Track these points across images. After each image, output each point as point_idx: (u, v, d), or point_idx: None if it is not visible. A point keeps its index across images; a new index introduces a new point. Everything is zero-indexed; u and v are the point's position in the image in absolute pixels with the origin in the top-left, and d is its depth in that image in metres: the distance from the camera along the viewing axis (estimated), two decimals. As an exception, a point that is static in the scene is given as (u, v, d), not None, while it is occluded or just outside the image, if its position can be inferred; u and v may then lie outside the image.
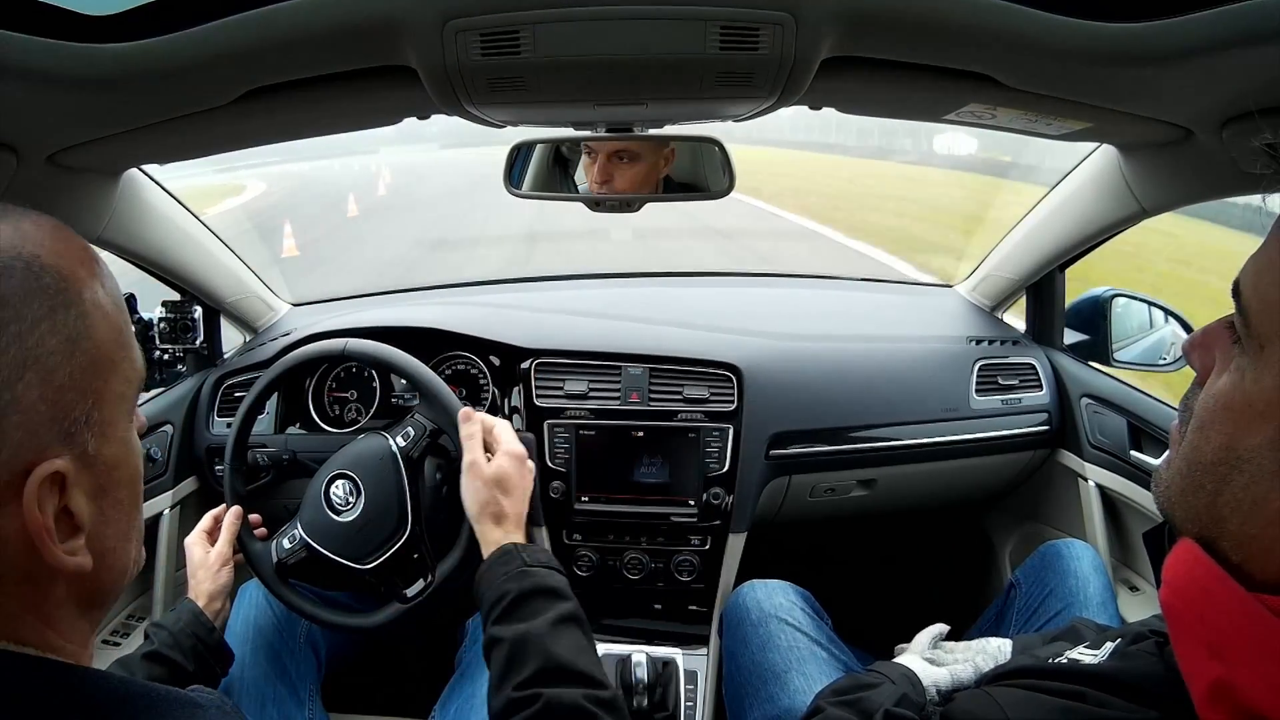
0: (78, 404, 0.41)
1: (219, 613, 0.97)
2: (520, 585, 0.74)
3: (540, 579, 0.75)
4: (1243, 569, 0.41)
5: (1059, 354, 1.43)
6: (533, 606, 0.72)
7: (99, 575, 0.43)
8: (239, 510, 1.05)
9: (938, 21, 0.58)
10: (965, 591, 1.70)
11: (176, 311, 1.32)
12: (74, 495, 0.41)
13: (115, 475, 0.44)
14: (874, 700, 0.67)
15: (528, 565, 0.77)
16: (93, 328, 0.42)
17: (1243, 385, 0.42)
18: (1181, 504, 0.46)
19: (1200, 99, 0.68)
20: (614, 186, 1.06)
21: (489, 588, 0.76)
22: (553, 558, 0.80)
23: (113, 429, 0.43)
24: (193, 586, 0.98)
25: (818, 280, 1.85)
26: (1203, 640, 0.41)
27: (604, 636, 1.28)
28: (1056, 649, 0.65)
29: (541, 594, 0.74)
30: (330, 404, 1.37)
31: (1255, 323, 0.42)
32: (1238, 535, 0.42)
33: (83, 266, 0.43)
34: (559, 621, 0.71)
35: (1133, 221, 1.13)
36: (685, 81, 0.68)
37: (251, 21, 0.57)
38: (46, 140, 0.75)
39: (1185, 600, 0.43)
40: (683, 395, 1.28)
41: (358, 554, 1.00)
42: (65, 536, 0.41)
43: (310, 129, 0.90)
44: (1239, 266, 0.45)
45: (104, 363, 0.43)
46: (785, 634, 1.03)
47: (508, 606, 0.73)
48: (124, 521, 0.45)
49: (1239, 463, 0.41)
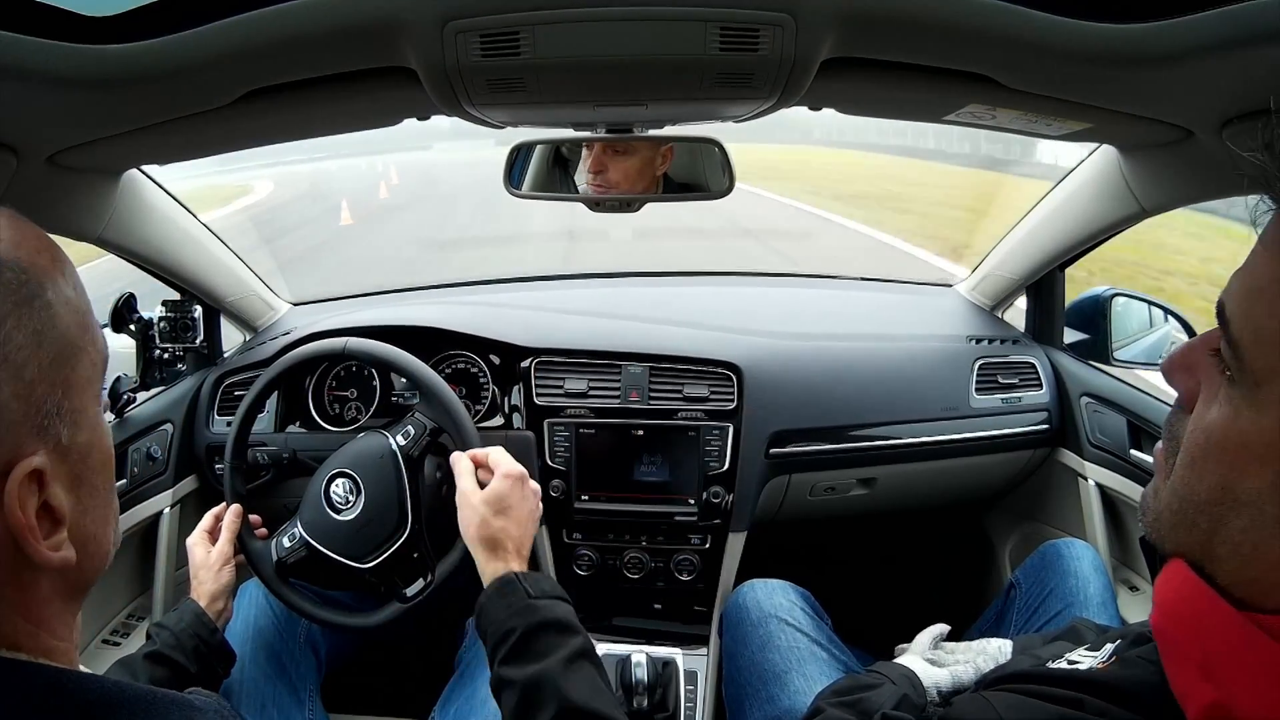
0: (48, 396, 0.40)
1: (221, 613, 0.97)
2: (527, 621, 0.69)
3: (547, 612, 0.70)
4: (1235, 595, 0.40)
5: (1059, 353, 1.43)
6: (542, 643, 0.68)
7: (82, 565, 0.43)
8: (239, 509, 1.05)
9: (937, 22, 0.58)
10: (965, 591, 1.70)
11: (176, 311, 1.32)
12: (53, 489, 0.41)
13: (90, 461, 0.44)
14: (874, 701, 0.67)
15: (533, 598, 0.72)
16: (57, 318, 0.41)
17: (1238, 424, 0.39)
18: (1173, 539, 0.44)
19: (1200, 99, 0.67)
20: (608, 178, 1.06)
21: (492, 623, 0.71)
22: (557, 585, 0.76)
23: (83, 415, 0.43)
24: (195, 586, 0.98)
25: (818, 280, 1.85)
26: (1196, 662, 0.40)
27: (604, 636, 1.28)
28: (1057, 650, 0.65)
29: (550, 629, 0.69)
30: (330, 403, 1.37)
31: (1249, 357, 0.38)
32: (1234, 575, 0.40)
33: (43, 256, 0.42)
34: (571, 659, 0.67)
35: (1133, 221, 1.13)
36: (685, 82, 0.68)
37: (251, 22, 0.57)
38: (46, 140, 0.75)
39: (1177, 622, 0.42)
40: (683, 394, 1.28)
41: (358, 553, 1.00)
42: (48, 532, 0.41)
43: (310, 129, 0.90)
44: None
45: (70, 351, 0.42)
46: (785, 634, 1.03)
47: (516, 645, 0.68)
48: (102, 507, 0.45)
49: (1237, 505, 0.39)
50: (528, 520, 0.84)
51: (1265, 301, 0.38)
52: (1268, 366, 0.38)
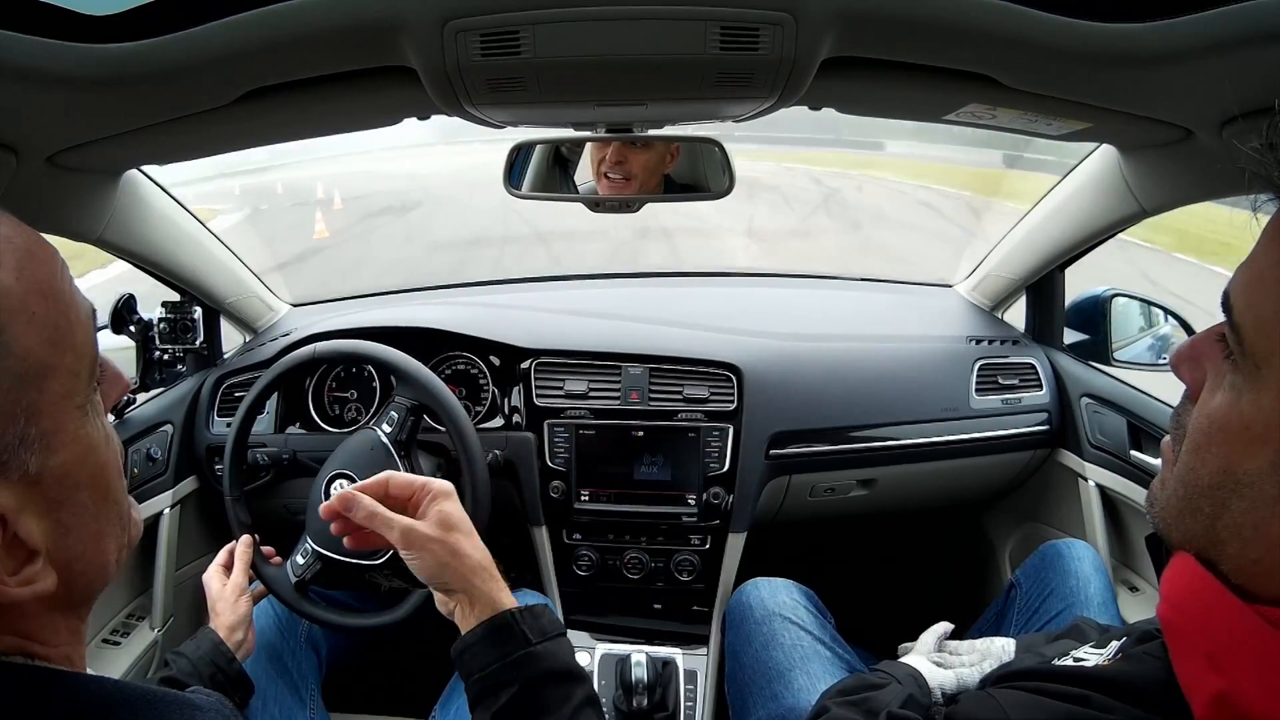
0: (8, 429, 0.36)
1: (240, 643, 0.97)
2: (527, 674, 0.60)
3: (550, 660, 0.62)
4: (1242, 587, 0.41)
5: (1059, 354, 1.43)
6: (545, 699, 0.60)
7: (71, 582, 0.41)
8: (249, 539, 1.05)
9: (938, 21, 0.58)
10: (965, 591, 1.70)
11: (176, 311, 1.32)
12: (21, 522, 0.38)
13: (70, 480, 0.40)
14: (880, 700, 0.67)
15: (532, 642, 0.61)
16: (13, 341, 0.36)
17: (1239, 406, 0.40)
18: (1178, 526, 0.45)
19: (1200, 99, 0.67)
20: (629, 169, 1.07)
21: (482, 668, 0.61)
22: (555, 618, 0.66)
23: (59, 436, 0.39)
24: (213, 619, 0.98)
25: (818, 280, 1.85)
26: (1202, 653, 0.40)
27: (604, 636, 1.28)
28: (1061, 648, 0.65)
29: (553, 679, 0.61)
30: (330, 404, 1.37)
31: (1250, 340, 0.40)
32: (1237, 558, 0.41)
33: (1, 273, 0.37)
34: (577, 712, 0.60)
35: (1133, 221, 1.13)
36: (685, 82, 0.68)
37: (251, 21, 0.57)
38: (46, 140, 0.75)
39: (1183, 614, 0.43)
40: (683, 395, 1.28)
41: (367, 551, 1.00)
42: (19, 566, 0.38)
43: (310, 129, 0.90)
44: None
45: (34, 372, 0.37)
46: (789, 632, 1.03)
47: (515, 702, 0.60)
48: (92, 521, 0.42)
49: (1238, 487, 0.40)
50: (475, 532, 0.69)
51: (1265, 288, 0.40)
52: (1268, 349, 0.39)
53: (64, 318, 0.39)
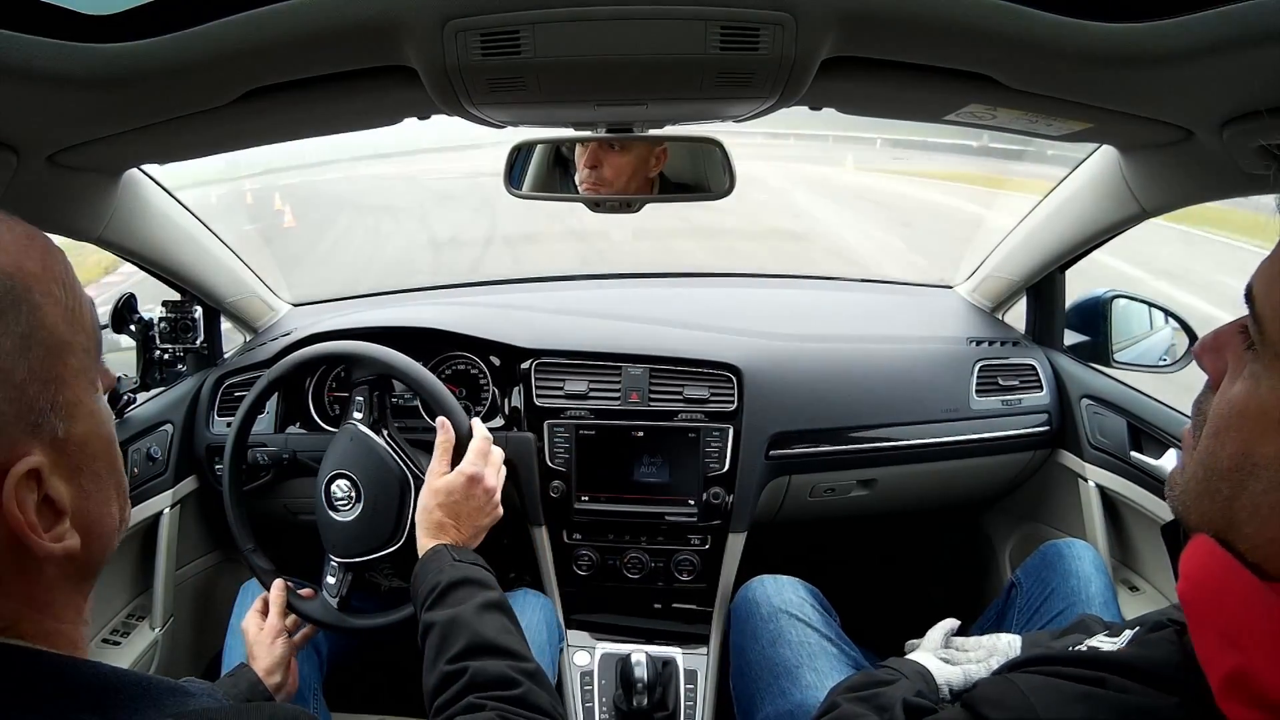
0: (40, 394, 0.41)
1: (279, 686, 0.98)
2: (449, 576, 0.80)
3: (465, 571, 0.81)
4: (1259, 566, 0.42)
5: (1059, 355, 1.43)
6: (460, 594, 0.78)
7: (89, 548, 0.44)
8: (281, 584, 1.05)
9: (938, 21, 0.58)
10: (965, 591, 1.70)
11: (176, 311, 1.32)
12: (52, 483, 0.41)
13: (88, 449, 0.44)
14: (890, 696, 0.68)
15: (455, 560, 0.83)
16: (45, 317, 0.42)
17: (1258, 393, 0.42)
18: (1196, 509, 0.46)
19: (1200, 99, 0.67)
20: (601, 174, 1.06)
21: (422, 583, 0.82)
22: (479, 558, 0.85)
23: (79, 406, 0.44)
24: (251, 663, 0.99)
25: (818, 280, 1.85)
26: (1219, 629, 0.42)
27: (604, 636, 1.29)
28: (1071, 640, 0.65)
29: (467, 583, 0.79)
30: (330, 404, 1.37)
31: (1270, 330, 0.42)
32: (1254, 539, 0.42)
33: (29, 259, 0.42)
34: (484, 607, 0.76)
35: (1133, 222, 1.13)
36: (685, 82, 0.68)
37: (251, 21, 0.57)
38: (46, 140, 0.75)
39: (1202, 591, 0.44)
40: (683, 395, 1.28)
41: (384, 537, 1.01)
42: (50, 525, 0.42)
43: (310, 129, 0.89)
44: None
45: (60, 346, 0.43)
46: (796, 629, 1.04)
47: (438, 595, 0.78)
48: (104, 490, 0.46)
49: (1255, 470, 0.42)
50: (470, 519, 0.90)
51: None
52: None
53: (77, 302, 0.45)
